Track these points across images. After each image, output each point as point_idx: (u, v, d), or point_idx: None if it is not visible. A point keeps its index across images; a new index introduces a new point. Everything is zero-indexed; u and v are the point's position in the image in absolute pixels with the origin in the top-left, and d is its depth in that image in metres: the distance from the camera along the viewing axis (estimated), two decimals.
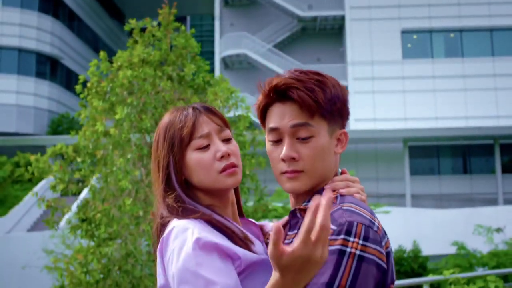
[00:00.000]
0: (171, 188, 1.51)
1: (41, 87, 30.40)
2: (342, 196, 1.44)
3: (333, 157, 1.49)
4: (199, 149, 1.49)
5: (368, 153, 27.73)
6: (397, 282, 5.71)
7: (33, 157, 7.88)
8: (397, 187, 26.88)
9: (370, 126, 27.05)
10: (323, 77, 1.45)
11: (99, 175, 7.84)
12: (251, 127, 8.98)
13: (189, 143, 1.49)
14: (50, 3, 31.49)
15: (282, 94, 1.43)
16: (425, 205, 25.98)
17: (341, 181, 1.49)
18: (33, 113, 29.82)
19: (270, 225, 1.69)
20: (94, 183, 7.91)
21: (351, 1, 28.64)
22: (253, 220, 1.65)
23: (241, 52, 29.17)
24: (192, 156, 1.49)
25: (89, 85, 8.04)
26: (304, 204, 1.48)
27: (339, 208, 1.36)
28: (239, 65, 30.78)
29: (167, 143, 1.51)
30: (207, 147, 1.50)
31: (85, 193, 14.60)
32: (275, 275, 1.17)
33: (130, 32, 8.53)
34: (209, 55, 33.00)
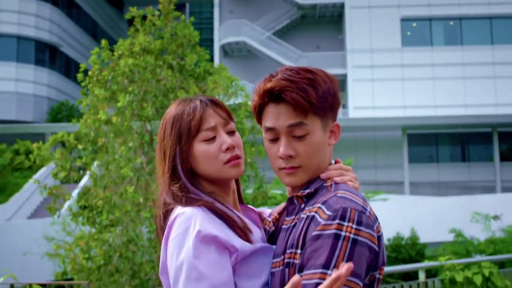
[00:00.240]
0: (177, 176, 1.58)
1: (40, 75, 30.34)
2: (336, 184, 1.54)
3: (328, 149, 1.58)
4: (206, 140, 1.57)
5: (367, 141, 27.79)
6: (394, 268, 5.80)
7: (35, 145, 7.94)
8: (396, 174, 26.96)
9: (369, 114, 27.07)
10: (314, 75, 1.52)
11: (100, 162, 7.92)
12: (251, 115, 9.03)
13: (196, 135, 1.57)
14: None
15: (276, 96, 1.51)
16: (423, 193, 26.07)
17: (335, 170, 1.59)
18: (33, 100, 29.79)
19: (268, 211, 1.80)
20: (94, 170, 7.99)
21: None
22: (252, 206, 1.74)
23: (241, 39, 29.09)
24: (199, 147, 1.57)
25: (90, 73, 8.09)
26: (300, 192, 1.56)
27: (334, 195, 1.46)
28: (238, 52, 30.73)
29: (174, 134, 1.58)
30: (213, 139, 1.57)
31: (85, 180, 14.66)
32: None
33: (129, 20, 8.57)
34: (208, 42, 32.90)
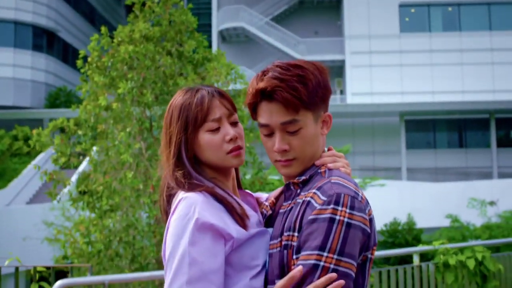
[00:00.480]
0: (181, 163, 1.68)
1: (38, 60, 30.29)
2: (330, 170, 1.63)
3: (320, 139, 1.67)
4: (211, 131, 1.66)
5: (365, 127, 27.88)
6: (388, 252, 5.89)
7: (34, 131, 8.00)
8: (394, 160, 27.08)
9: (367, 100, 27.12)
10: (303, 70, 1.59)
11: (100, 148, 7.98)
12: None
13: (202, 124, 1.66)
14: None
15: (268, 95, 1.58)
16: (420, 179, 26.20)
17: (329, 157, 1.68)
18: (30, 86, 29.78)
19: (265, 196, 1.90)
20: (94, 156, 8.06)
21: None
22: (249, 191, 1.83)
23: (239, 25, 29.04)
24: (204, 136, 1.66)
25: (89, 60, 8.13)
26: (296, 179, 1.66)
27: (328, 181, 1.55)
28: (236, 38, 30.68)
29: (181, 122, 1.67)
30: (217, 130, 1.66)
31: (83, 166, 14.72)
32: None
33: (127, 6, 8.58)
34: (206, 28, 32.79)
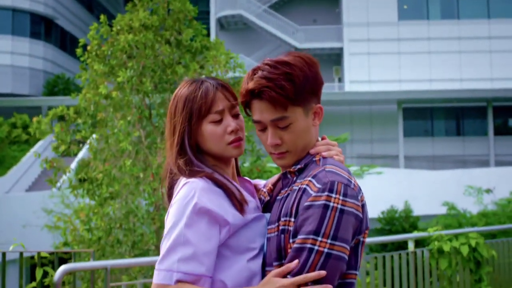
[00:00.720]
0: (184, 151, 1.77)
1: (36, 48, 30.24)
2: (324, 158, 1.72)
3: (312, 130, 1.75)
4: (213, 122, 1.76)
5: (362, 114, 27.93)
6: (383, 238, 5.98)
7: (34, 119, 8.07)
8: (391, 148, 27.17)
9: (365, 88, 27.15)
10: (291, 67, 1.66)
11: (100, 136, 8.06)
12: None
13: (206, 116, 1.76)
14: None
15: (256, 95, 1.67)
16: (418, 167, 26.32)
17: (323, 146, 1.77)
18: (28, 73, 29.75)
19: (263, 182, 2.00)
20: (93, 143, 8.13)
21: None
22: (248, 178, 1.93)
23: (237, 12, 28.98)
24: (207, 127, 1.76)
25: (89, 48, 8.18)
26: (293, 168, 1.74)
27: (323, 169, 1.64)
28: (234, 25, 30.62)
29: (186, 113, 1.76)
30: (220, 121, 1.76)
31: (82, 153, 14.78)
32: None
33: None
34: (204, 15, 32.71)
